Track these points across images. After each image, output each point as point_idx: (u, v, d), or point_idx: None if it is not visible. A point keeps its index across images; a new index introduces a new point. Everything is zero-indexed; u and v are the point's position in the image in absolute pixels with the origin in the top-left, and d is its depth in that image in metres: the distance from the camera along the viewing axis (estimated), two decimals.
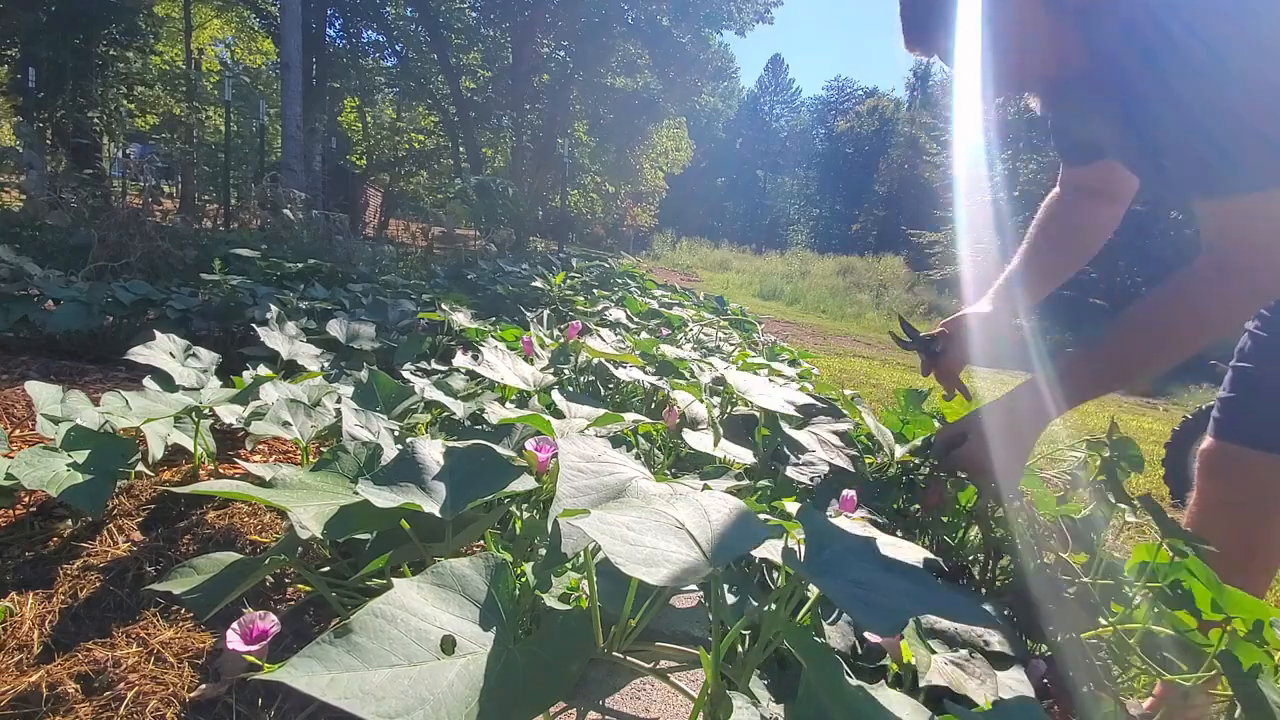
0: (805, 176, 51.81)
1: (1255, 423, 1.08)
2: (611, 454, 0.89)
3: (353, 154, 18.48)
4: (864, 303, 15.02)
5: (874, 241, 34.40)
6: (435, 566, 0.67)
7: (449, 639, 0.59)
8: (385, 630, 0.57)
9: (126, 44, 12.18)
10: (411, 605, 0.61)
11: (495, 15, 16.49)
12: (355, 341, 2.30)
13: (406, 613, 0.60)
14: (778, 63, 54.88)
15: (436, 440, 1.02)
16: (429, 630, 0.59)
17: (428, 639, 0.58)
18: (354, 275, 4.04)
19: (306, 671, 0.51)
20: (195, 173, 11.29)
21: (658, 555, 0.63)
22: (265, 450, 1.72)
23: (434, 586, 0.65)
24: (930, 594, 0.66)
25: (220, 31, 19.67)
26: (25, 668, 0.89)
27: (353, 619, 0.56)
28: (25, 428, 1.67)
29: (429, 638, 0.58)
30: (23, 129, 6.33)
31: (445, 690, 0.54)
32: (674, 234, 26.29)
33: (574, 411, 1.40)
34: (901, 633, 0.78)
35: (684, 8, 15.67)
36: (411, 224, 15.00)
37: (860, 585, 0.65)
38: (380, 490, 0.89)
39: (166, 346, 1.72)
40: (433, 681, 0.54)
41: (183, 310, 2.67)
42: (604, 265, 6.72)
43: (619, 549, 0.62)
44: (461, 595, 0.66)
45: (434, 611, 0.62)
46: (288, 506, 0.89)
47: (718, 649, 0.66)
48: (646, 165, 21.29)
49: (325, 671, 0.51)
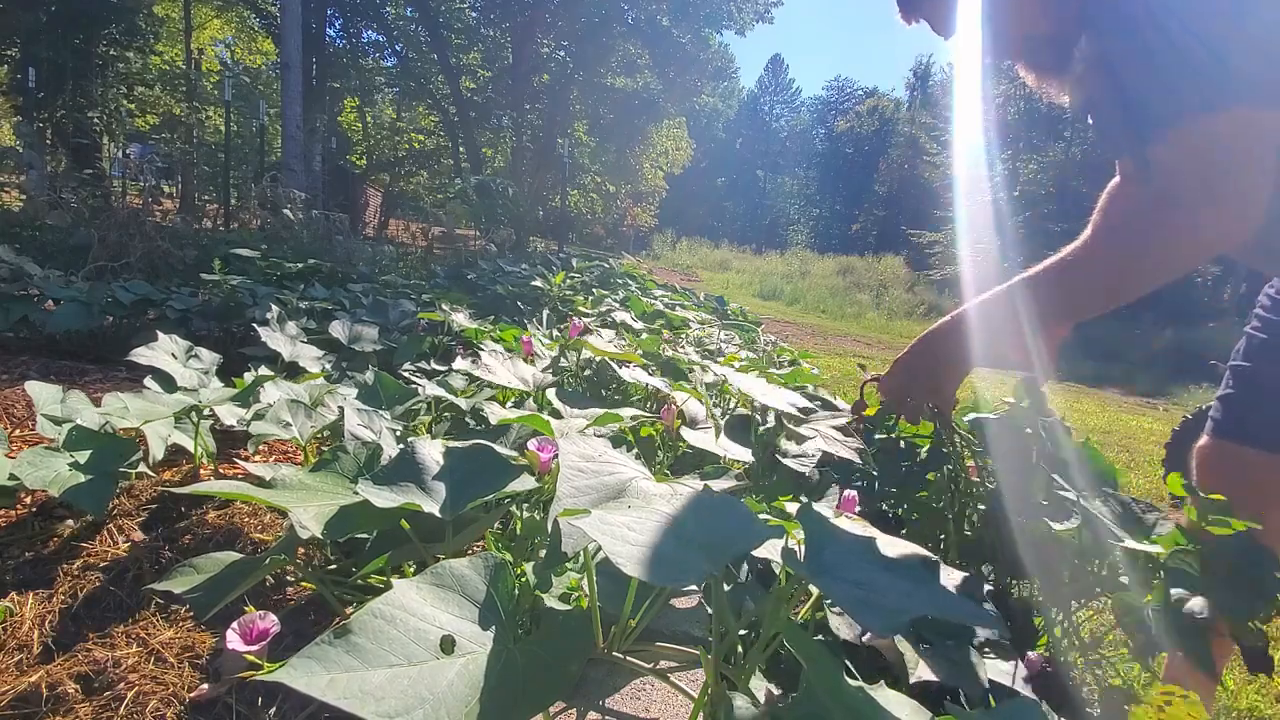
0: (805, 176, 51.81)
1: (1253, 421, 1.08)
2: (612, 454, 0.89)
3: (353, 154, 18.49)
4: (864, 303, 15.02)
5: (874, 241, 34.39)
6: (434, 567, 0.67)
7: (448, 639, 0.59)
8: (384, 630, 0.57)
9: (126, 44, 12.18)
10: (410, 605, 0.61)
11: (495, 15, 16.49)
12: (357, 343, 2.30)
13: (405, 613, 0.60)
14: (778, 63, 54.90)
15: (436, 440, 1.02)
16: (428, 630, 0.59)
17: (427, 639, 0.58)
18: (354, 275, 4.04)
19: (306, 672, 0.51)
20: (195, 173, 11.30)
21: (657, 556, 0.64)
22: (265, 450, 1.72)
23: (433, 587, 0.65)
24: (930, 593, 0.66)
25: (220, 31, 19.67)
26: (25, 668, 0.89)
27: (352, 619, 0.56)
28: (25, 428, 1.67)
29: (428, 638, 0.58)
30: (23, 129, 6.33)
31: (445, 690, 0.54)
32: (674, 234, 26.30)
33: (571, 411, 1.41)
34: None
35: (684, 8, 15.68)
36: (411, 224, 15.00)
37: (861, 585, 0.65)
38: (380, 490, 0.89)
39: (168, 347, 1.72)
40: (432, 681, 0.54)
41: (183, 310, 2.67)
42: (604, 265, 6.72)
43: (620, 549, 0.62)
44: (461, 595, 0.66)
45: (433, 611, 0.62)
46: (287, 507, 0.90)
47: (718, 650, 0.66)
48: (646, 165, 21.30)
49: (324, 672, 0.51)
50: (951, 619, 0.62)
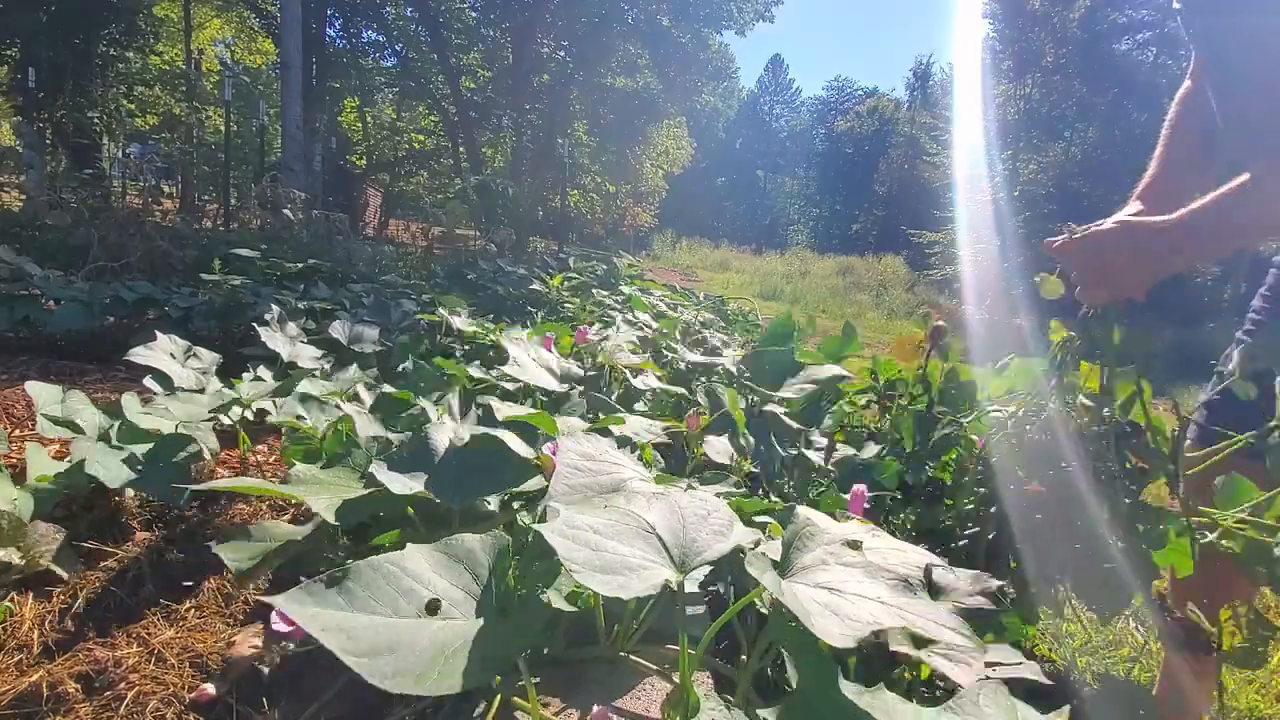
0: (805, 176, 51.78)
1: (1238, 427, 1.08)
2: (613, 454, 0.89)
3: (353, 154, 18.47)
4: (864, 303, 15.01)
5: (874, 241, 34.36)
6: (449, 538, 0.70)
7: (435, 601, 0.63)
8: (377, 583, 0.61)
9: (126, 44, 12.17)
10: (411, 567, 0.65)
11: (495, 15, 16.48)
12: (357, 343, 2.29)
13: (403, 572, 0.63)
14: (778, 63, 54.88)
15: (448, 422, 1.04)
16: (419, 591, 0.63)
17: (416, 598, 0.62)
18: (354, 275, 4.04)
19: (297, 601, 0.56)
20: (195, 173, 11.26)
21: (619, 562, 0.63)
22: (265, 451, 1.72)
23: (443, 555, 0.69)
24: (907, 603, 0.65)
25: (220, 31, 19.65)
26: (25, 668, 0.89)
27: (350, 567, 0.60)
28: (25, 428, 1.67)
29: (418, 597, 0.62)
30: (23, 129, 6.32)
31: (416, 644, 0.58)
32: (674, 234, 26.27)
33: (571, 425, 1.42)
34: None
35: (684, 8, 15.66)
36: (411, 224, 14.97)
37: (832, 590, 0.65)
38: (393, 476, 0.93)
39: (167, 347, 1.72)
40: (409, 635, 0.58)
41: (185, 310, 2.67)
42: (604, 265, 6.71)
43: (577, 554, 0.62)
44: (464, 567, 0.69)
45: (433, 577, 0.65)
46: (302, 498, 0.94)
47: (684, 656, 0.66)
48: (647, 165, 21.28)
49: (314, 605, 0.56)
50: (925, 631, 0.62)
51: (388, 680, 0.53)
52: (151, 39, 13.33)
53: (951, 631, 0.63)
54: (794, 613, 0.59)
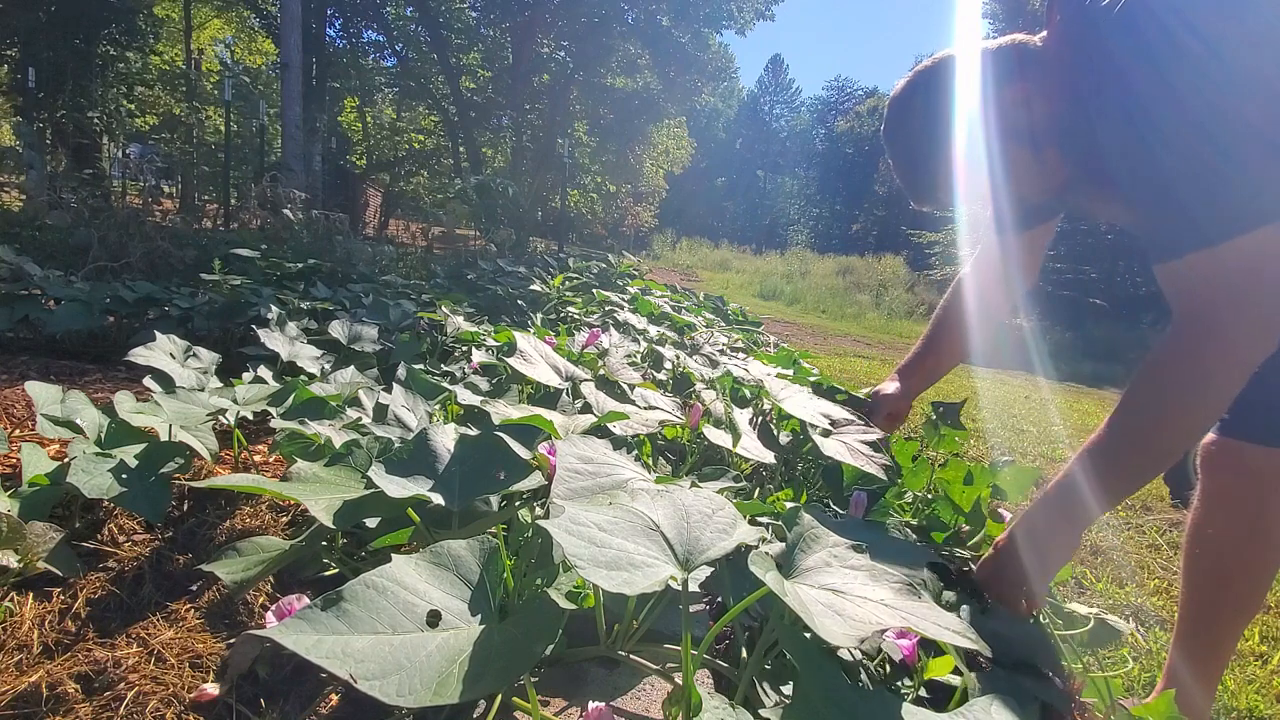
0: (805, 176, 51.79)
1: (1251, 417, 1.08)
2: (612, 456, 0.89)
3: (353, 154, 18.47)
4: (864, 303, 15.00)
5: (874, 241, 34.39)
6: (434, 546, 0.69)
7: (435, 613, 0.62)
8: (374, 600, 0.60)
9: (126, 44, 12.16)
10: (404, 579, 0.64)
11: (495, 15, 16.48)
12: (357, 343, 2.29)
13: (398, 585, 0.63)
14: (778, 63, 54.88)
15: (449, 425, 1.04)
16: (417, 604, 0.62)
17: (414, 611, 0.61)
18: (354, 275, 4.04)
19: (295, 631, 0.55)
20: (195, 173, 11.28)
21: (623, 559, 0.63)
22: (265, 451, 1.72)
23: (430, 564, 0.68)
24: (911, 606, 0.65)
25: (220, 31, 19.66)
26: (25, 668, 0.88)
27: (344, 588, 0.59)
28: (25, 428, 1.67)
29: (416, 610, 0.62)
30: (23, 129, 6.31)
31: (423, 660, 0.57)
32: (674, 234, 26.28)
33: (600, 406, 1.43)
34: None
35: (684, 8, 15.66)
36: (411, 224, 14.98)
37: (836, 592, 0.65)
38: (391, 479, 0.92)
39: (167, 347, 1.72)
40: (413, 651, 0.57)
41: (185, 310, 2.67)
42: (602, 266, 6.71)
43: (582, 551, 0.62)
44: (455, 575, 0.68)
45: (426, 587, 0.65)
46: (300, 499, 0.92)
47: (687, 655, 0.66)
48: (647, 165, 21.28)
49: (313, 633, 0.55)
50: (929, 635, 0.62)
51: (402, 698, 0.53)
52: (151, 39, 13.33)
53: (957, 635, 0.63)
54: (797, 613, 0.59)
